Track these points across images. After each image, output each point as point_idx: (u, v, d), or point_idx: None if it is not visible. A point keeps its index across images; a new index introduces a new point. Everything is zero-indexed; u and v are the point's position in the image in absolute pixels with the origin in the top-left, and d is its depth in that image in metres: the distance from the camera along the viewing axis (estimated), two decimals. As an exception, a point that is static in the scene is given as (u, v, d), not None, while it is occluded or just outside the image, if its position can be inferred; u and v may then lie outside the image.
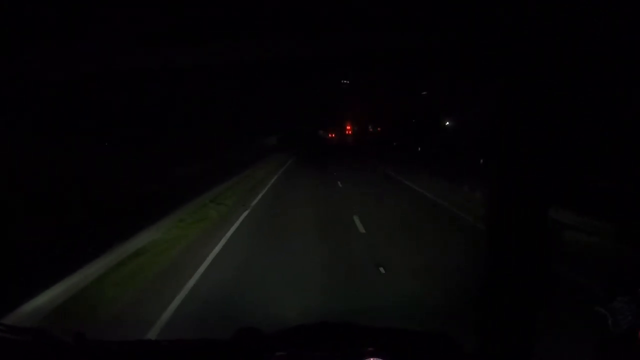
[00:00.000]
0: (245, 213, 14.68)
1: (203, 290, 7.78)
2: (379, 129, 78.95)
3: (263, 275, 8.36)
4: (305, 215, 14.13)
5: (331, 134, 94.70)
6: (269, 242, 11.09)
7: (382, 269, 8.50)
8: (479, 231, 10.86)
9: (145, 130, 17.59)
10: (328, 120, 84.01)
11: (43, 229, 9.73)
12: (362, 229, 12.07)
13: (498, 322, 2.76)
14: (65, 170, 12.30)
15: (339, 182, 23.23)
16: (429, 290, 7.40)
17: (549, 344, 3.40)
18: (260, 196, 18.32)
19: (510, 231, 2.74)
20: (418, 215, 14.44)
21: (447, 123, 44.54)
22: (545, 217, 2.86)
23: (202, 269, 8.90)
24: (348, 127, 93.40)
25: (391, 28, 8.15)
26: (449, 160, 28.23)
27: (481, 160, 20.53)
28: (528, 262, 2.72)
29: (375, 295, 7.35)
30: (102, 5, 6.34)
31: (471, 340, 2.78)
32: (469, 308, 3.01)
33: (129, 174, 15.08)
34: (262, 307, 6.67)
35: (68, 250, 8.35)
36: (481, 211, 11.59)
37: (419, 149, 42.77)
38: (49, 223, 10.30)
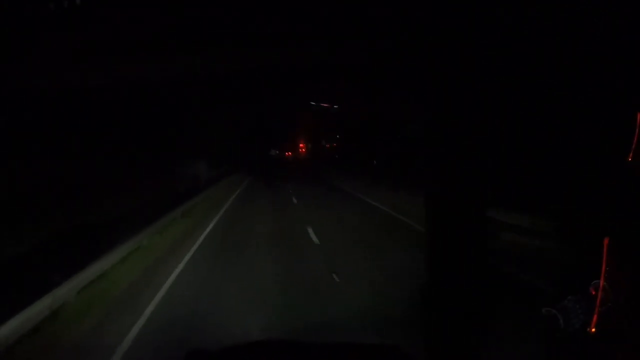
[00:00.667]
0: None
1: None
2: (334, 144, 76.74)
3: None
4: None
5: (288, 152, 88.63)
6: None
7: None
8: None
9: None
10: (280, 139, 79.72)
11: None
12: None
13: (444, 328, 2.72)
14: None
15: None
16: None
17: (499, 344, 3.38)
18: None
19: (449, 233, 2.72)
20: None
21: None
22: (481, 218, 2.85)
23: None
24: (301, 145, 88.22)
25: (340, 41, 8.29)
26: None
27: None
28: (468, 263, 2.69)
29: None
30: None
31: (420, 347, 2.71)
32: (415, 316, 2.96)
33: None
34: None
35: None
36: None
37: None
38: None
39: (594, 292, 2.21)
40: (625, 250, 2.25)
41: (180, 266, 10.14)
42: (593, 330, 2.21)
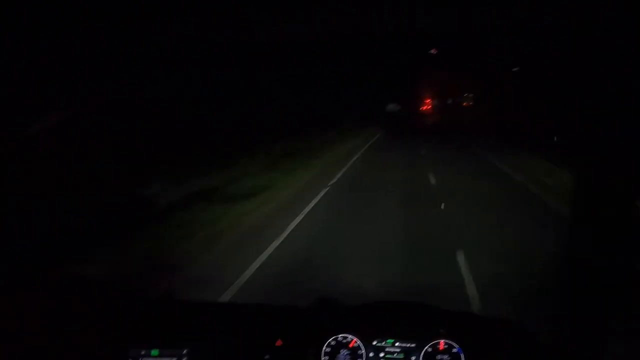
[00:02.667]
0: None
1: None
2: (470, 102, 62.81)
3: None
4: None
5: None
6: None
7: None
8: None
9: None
10: (402, 93, 63.38)
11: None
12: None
13: (575, 317, 2.72)
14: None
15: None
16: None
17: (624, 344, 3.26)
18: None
19: (595, 223, 2.66)
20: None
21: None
22: (632, 209, 2.76)
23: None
24: (427, 101, 73.83)
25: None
26: None
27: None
28: (611, 256, 2.64)
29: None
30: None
31: (547, 330, 2.73)
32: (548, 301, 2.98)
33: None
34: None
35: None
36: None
37: None
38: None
39: None
40: None
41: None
42: None
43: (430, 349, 2.44)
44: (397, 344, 2.47)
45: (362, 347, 2.47)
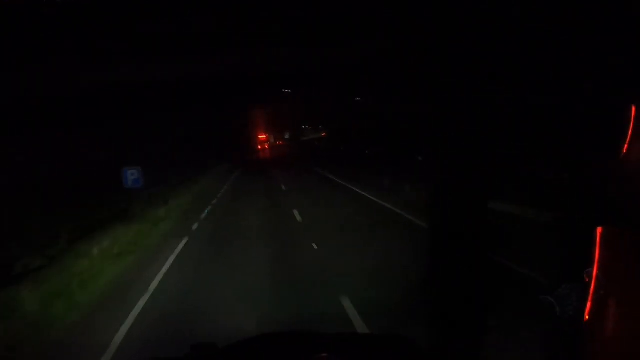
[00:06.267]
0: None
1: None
2: (322, 134, 62.89)
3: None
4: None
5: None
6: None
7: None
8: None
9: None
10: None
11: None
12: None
13: (446, 320, 2.78)
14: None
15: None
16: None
17: (497, 332, 3.43)
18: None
19: (451, 226, 2.76)
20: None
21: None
22: (483, 209, 2.90)
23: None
24: (262, 137, 63.76)
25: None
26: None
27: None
28: (469, 254, 2.74)
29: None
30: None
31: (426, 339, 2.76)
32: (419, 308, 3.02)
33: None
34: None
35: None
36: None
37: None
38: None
39: (587, 280, 2.27)
40: (618, 239, 2.30)
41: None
42: (587, 317, 2.26)
43: None
44: None
45: None
